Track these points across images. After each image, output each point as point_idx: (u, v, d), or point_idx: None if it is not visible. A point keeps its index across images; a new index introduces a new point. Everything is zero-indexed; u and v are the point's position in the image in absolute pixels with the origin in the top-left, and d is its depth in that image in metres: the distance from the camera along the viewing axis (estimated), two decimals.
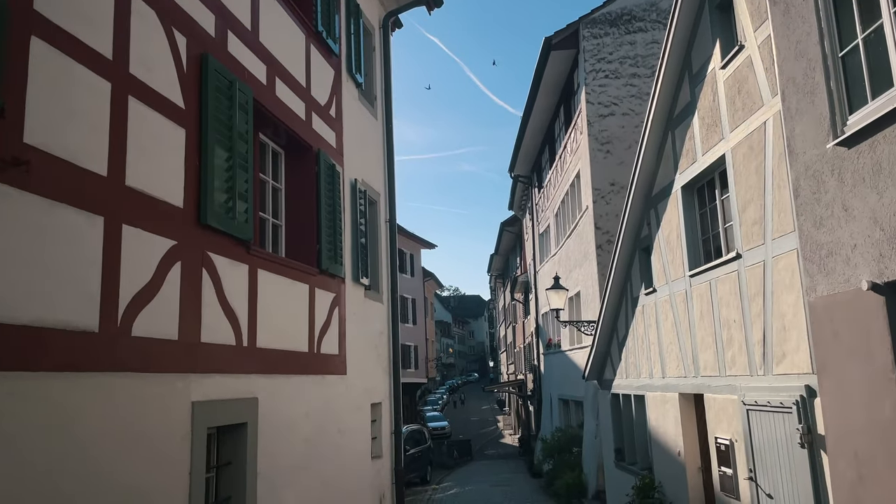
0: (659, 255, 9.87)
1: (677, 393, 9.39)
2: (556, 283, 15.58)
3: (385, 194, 9.61)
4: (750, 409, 7.17)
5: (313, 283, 6.79)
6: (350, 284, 7.93)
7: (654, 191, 10.04)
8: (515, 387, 37.76)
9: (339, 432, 7.27)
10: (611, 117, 15.96)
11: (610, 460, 12.97)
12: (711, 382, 8.19)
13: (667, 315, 9.64)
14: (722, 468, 8.01)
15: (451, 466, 28.47)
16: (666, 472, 9.92)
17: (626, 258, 11.23)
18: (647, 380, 10.54)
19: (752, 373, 7.14)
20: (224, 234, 5.13)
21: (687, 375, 8.98)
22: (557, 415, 20.77)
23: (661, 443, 10.09)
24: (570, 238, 18.75)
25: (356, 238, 8.13)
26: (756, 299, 7.03)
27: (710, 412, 8.30)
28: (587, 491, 15.09)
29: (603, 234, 15.40)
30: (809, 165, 5.78)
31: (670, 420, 9.67)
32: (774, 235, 6.64)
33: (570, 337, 18.92)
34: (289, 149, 7.11)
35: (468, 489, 18.52)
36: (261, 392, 5.53)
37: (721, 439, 7.97)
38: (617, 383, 12.24)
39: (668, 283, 9.52)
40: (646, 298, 10.52)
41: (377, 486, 8.42)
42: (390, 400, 9.09)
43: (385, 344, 9.18)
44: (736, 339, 7.51)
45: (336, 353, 7.34)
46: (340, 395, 7.41)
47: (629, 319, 11.40)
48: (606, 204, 15.55)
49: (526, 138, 22.83)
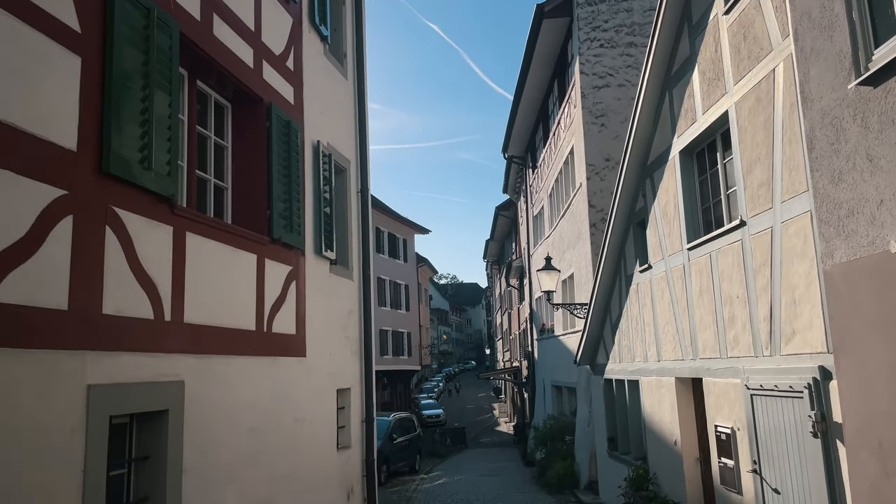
0: (655, 229, 9.09)
1: (673, 377, 8.64)
2: (548, 263, 14.81)
3: (356, 162, 8.81)
4: (754, 394, 6.42)
5: (263, 253, 6.00)
6: (311, 258, 7.14)
7: (649, 159, 9.24)
8: (511, 374, 37.11)
9: (297, 421, 6.52)
10: (606, 89, 15.12)
11: (602, 449, 12.25)
12: (711, 365, 7.43)
13: (663, 293, 8.88)
14: (722, 459, 7.27)
15: (444, 455, 27.82)
16: (661, 463, 9.19)
17: (620, 234, 10.45)
18: (642, 364, 9.80)
19: (758, 354, 6.39)
20: (137, 188, 4.34)
21: (684, 358, 8.23)
22: (550, 402, 20.08)
23: (655, 431, 9.35)
24: (563, 218, 17.97)
25: (319, 207, 7.34)
26: (762, 271, 6.26)
27: (709, 398, 7.55)
28: (579, 481, 14.40)
29: (597, 212, 14.61)
30: (827, 112, 4.99)
31: (666, 407, 8.93)
32: (784, 197, 5.85)
33: (563, 321, 18.19)
34: (236, 102, 6.30)
35: (457, 479, 17.84)
36: (189, 374, 4.76)
37: (722, 428, 7.22)
38: (610, 368, 11.50)
39: (665, 258, 8.74)
40: (640, 276, 9.75)
41: (345, 479, 7.68)
42: (361, 385, 8.33)
43: (355, 325, 8.41)
44: (739, 316, 6.74)
45: (293, 333, 6.57)
46: (298, 380, 6.65)
47: (623, 300, 10.64)
48: (601, 180, 14.75)
49: (519, 116, 21.97)
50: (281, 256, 6.38)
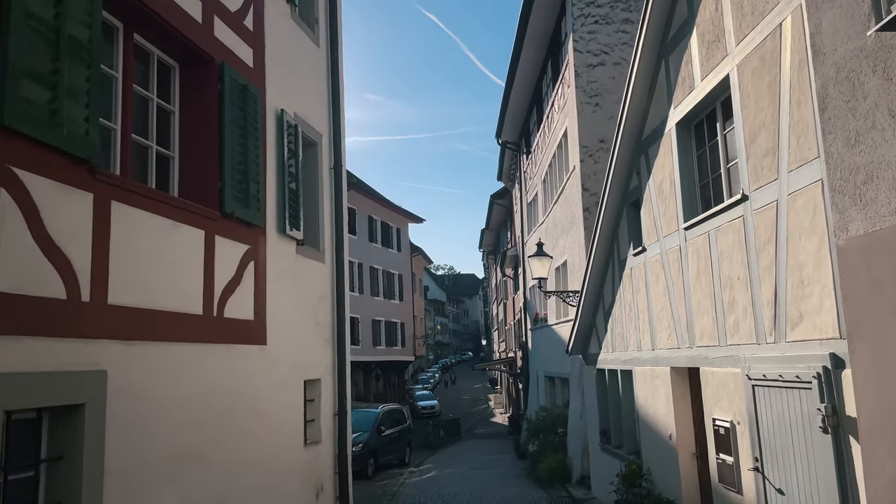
0: (649, 209, 8.50)
1: (668, 367, 8.08)
2: (540, 249, 14.24)
3: (329, 136, 8.19)
4: (756, 385, 5.85)
5: (212, 229, 5.40)
6: (274, 236, 6.54)
7: (644, 133, 8.64)
8: (506, 365, 36.62)
9: (255, 414, 5.94)
10: (600, 67, 14.48)
11: (595, 442, 11.72)
12: (709, 354, 6.86)
13: (657, 277, 8.30)
14: (721, 455, 6.71)
15: (437, 447, 27.32)
16: (655, 458, 8.64)
17: (613, 215, 9.86)
18: (635, 353, 9.23)
19: (760, 341, 5.81)
20: (44, 147, 3.73)
21: (680, 346, 7.66)
22: (544, 393, 19.55)
23: (649, 424, 8.80)
24: (556, 204, 17.37)
25: (283, 181, 6.73)
26: (766, 250, 5.67)
27: (707, 389, 6.99)
28: (571, 475, 13.87)
29: (591, 195, 13.99)
30: (842, 65, 4.39)
31: (660, 398, 8.37)
32: (791, 167, 5.26)
33: (556, 310, 17.63)
34: (185, 62, 5.68)
35: (447, 472, 17.33)
36: (114, 363, 4.17)
37: (720, 421, 6.66)
38: (602, 357, 10.94)
39: (660, 239, 8.16)
40: (634, 260, 9.17)
41: (313, 476, 7.11)
42: (333, 376, 7.75)
43: (327, 311, 7.82)
44: (740, 300, 6.17)
45: (250, 319, 5.98)
46: (257, 370, 6.07)
47: (615, 286, 10.07)
48: (595, 163, 14.13)
49: (512, 99, 21.32)
50: (235, 234, 5.78)
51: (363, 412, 19.19)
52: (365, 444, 17.12)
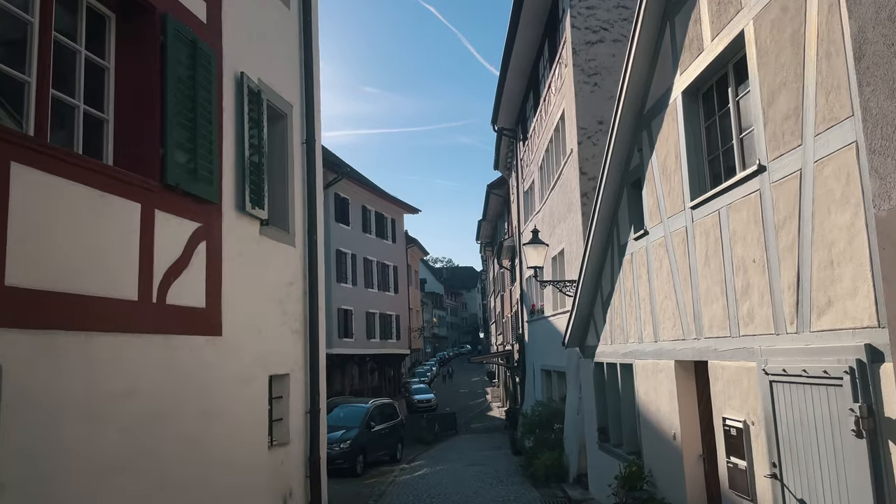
0: (652, 188, 7.80)
1: (673, 360, 7.39)
2: (535, 237, 13.53)
3: (301, 107, 7.47)
4: (775, 381, 5.16)
5: (152, 202, 4.70)
6: (232, 215, 5.84)
7: (646, 106, 7.93)
8: (503, 358, 36.00)
9: (205, 415, 5.25)
10: (599, 45, 13.73)
11: (593, 440, 11.05)
12: (719, 345, 6.17)
13: (661, 262, 7.60)
14: (732, 459, 6.03)
15: (431, 442, 26.68)
16: (658, 459, 7.97)
17: (612, 197, 9.15)
18: (636, 345, 8.54)
19: (779, 330, 5.12)
20: None
21: (686, 338, 6.97)
22: (540, 387, 18.90)
23: (651, 423, 8.12)
24: (553, 190, 16.67)
25: (242, 153, 6.03)
26: (787, 227, 4.97)
27: (716, 384, 6.30)
28: (568, 474, 13.21)
29: (589, 179, 13.27)
30: (883, 3, 3.68)
31: (664, 394, 7.69)
32: (818, 129, 4.55)
33: (553, 301, 16.95)
34: (123, 13, 4.96)
35: (439, 469, 16.67)
36: (11, 356, 3.48)
37: (731, 421, 5.97)
38: (601, 350, 10.25)
39: (664, 221, 7.46)
40: (635, 244, 8.46)
41: (279, 481, 6.43)
42: (305, 371, 7.07)
43: (298, 299, 7.13)
44: (756, 285, 5.47)
45: (201, 307, 5.28)
46: (210, 364, 5.38)
47: (615, 273, 9.37)
48: (593, 145, 13.40)
49: (508, 83, 20.58)
50: (182, 209, 5.07)
51: (352, 407, 18.55)
52: (354, 440, 16.47)
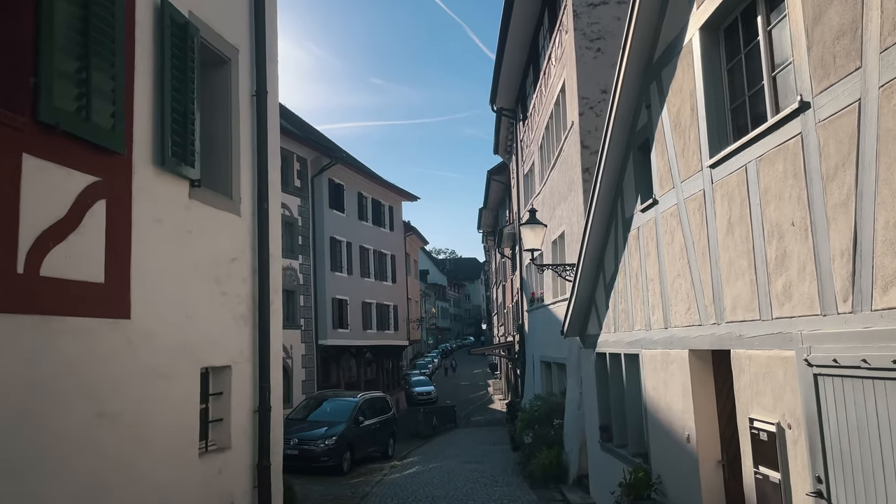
0: (662, 149, 6.68)
1: (686, 350, 6.29)
2: (532, 216, 12.44)
3: (250, 53, 6.38)
4: (822, 374, 4.07)
5: (13, 142, 3.61)
6: (146, 170, 4.76)
7: (656, 54, 6.81)
8: (505, 349, 34.98)
9: (101, 417, 4.19)
10: (602, 7, 12.57)
11: (594, 439, 9.97)
12: (745, 331, 5.07)
13: (672, 235, 6.49)
14: (761, 469, 4.94)
15: (428, 436, 25.69)
16: (668, 465, 6.89)
17: (617, 164, 8.03)
18: (643, 333, 7.45)
19: (827, 310, 4.02)
20: None
21: (703, 323, 5.87)
22: (540, 380, 17.83)
23: (661, 422, 7.04)
24: (553, 169, 15.55)
25: (163, 97, 4.93)
26: (840, 176, 3.86)
27: (741, 378, 5.20)
28: (567, 474, 12.15)
29: (591, 154, 12.13)
30: None
31: (675, 389, 6.60)
32: (886, 42, 3.44)
33: (553, 288, 15.86)
34: None
35: (432, 467, 15.64)
36: None
37: (761, 423, 4.88)
38: (603, 339, 9.16)
39: (676, 186, 6.35)
40: (642, 217, 7.36)
41: (215, 494, 5.39)
42: (253, 363, 6.01)
43: (244, 278, 6.06)
44: (795, 254, 4.37)
45: (98, 282, 4.22)
46: (111, 354, 4.32)
47: (619, 251, 8.27)
48: (596, 116, 12.27)
49: (506, 59, 19.39)
50: (67, 157, 3.99)
51: (339, 401, 17.51)
52: (340, 436, 15.44)
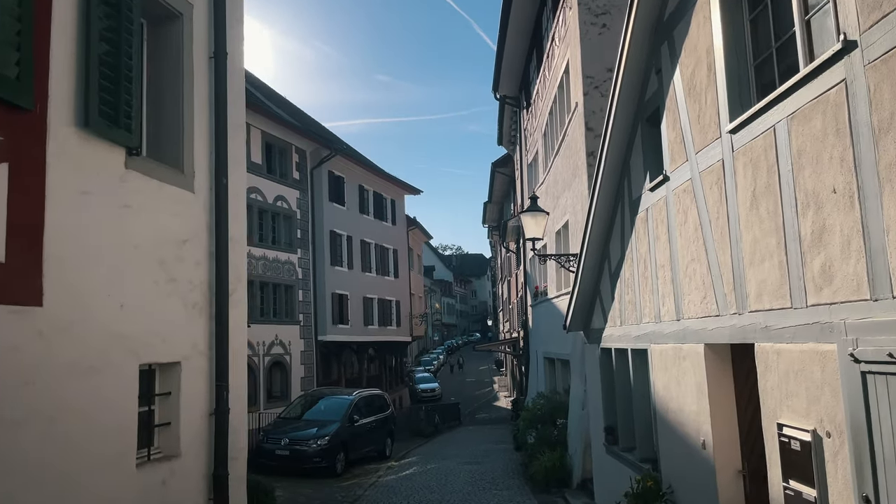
0: (674, 117, 5.93)
1: (702, 344, 5.54)
2: (533, 203, 11.70)
3: (207, 8, 5.64)
4: (872, 372, 3.33)
5: None
6: (65, 131, 4.07)
7: (667, 10, 6.05)
8: (510, 345, 34.25)
9: (5, 423, 3.47)
10: None
11: (599, 442, 9.23)
12: (772, 321, 4.33)
13: (686, 214, 5.74)
14: (792, 483, 4.20)
15: (430, 434, 25.01)
16: (681, 473, 6.16)
17: (622, 140, 7.28)
18: (653, 325, 6.71)
19: (879, 294, 3.28)
20: None
21: (721, 313, 5.12)
22: (543, 377, 17.09)
23: (672, 425, 6.30)
24: (557, 156, 14.78)
25: (88, 47, 4.23)
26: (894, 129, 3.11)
27: (767, 377, 4.45)
28: (571, 477, 11.42)
29: (595, 136, 11.36)
30: None
31: (689, 389, 5.85)
32: None
33: (557, 281, 15.11)
34: None
35: (430, 468, 14.93)
36: None
37: (793, 430, 4.13)
38: (608, 334, 8.42)
39: (690, 158, 5.59)
40: (651, 196, 6.61)
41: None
42: (209, 359, 5.32)
43: (199, 263, 5.36)
44: (836, 228, 3.62)
45: None
46: (13, 347, 3.60)
47: (625, 236, 7.52)
48: (601, 96, 11.48)
49: (509, 43, 18.63)
50: None
51: (334, 399, 16.82)
52: (333, 436, 14.74)
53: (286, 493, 11.43)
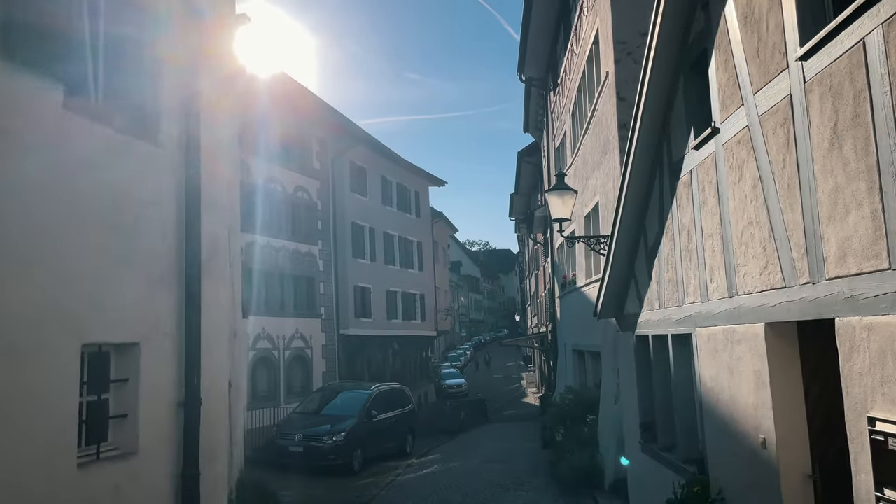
0: (726, 57, 5.01)
1: (762, 323, 4.63)
2: (560, 181, 10.78)
3: None
4: None
5: None
6: None
7: None
8: (538, 340, 33.30)
9: None
10: None
11: (634, 440, 8.32)
12: (861, 288, 3.41)
13: (741, 169, 4.82)
14: (887, 492, 3.29)
15: (455, 431, 24.14)
16: (734, 476, 5.24)
17: (661, 95, 6.37)
18: (698, 306, 5.80)
19: None
20: None
21: (788, 283, 4.20)
22: (572, 371, 16.17)
23: (723, 420, 5.39)
24: (586, 134, 13.84)
25: None
26: None
27: (853, 359, 3.53)
28: (603, 479, 10.51)
29: (628, 106, 10.38)
30: None
31: (744, 378, 4.94)
32: None
33: (586, 268, 14.19)
34: None
35: (452, 466, 14.13)
36: None
37: (891, 424, 3.22)
38: (645, 319, 7.51)
39: (747, 100, 4.68)
40: (696, 155, 5.70)
41: None
42: (177, 340, 4.57)
43: (166, 230, 4.61)
44: None
45: None
46: None
47: (665, 206, 6.61)
48: (634, 63, 10.50)
49: (535, 19, 17.67)
50: None
51: (352, 394, 16.09)
52: (349, 432, 14.01)
53: (295, 494, 10.73)
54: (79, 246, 3.88)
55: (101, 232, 4.07)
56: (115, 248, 4.16)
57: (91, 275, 3.97)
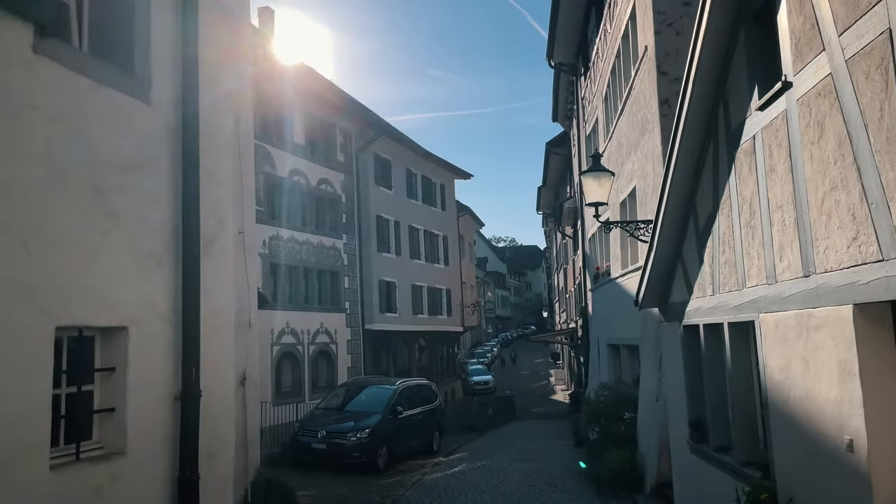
0: None
1: (849, 305, 3.94)
2: (596, 162, 10.11)
3: None
4: None
5: None
6: None
7: None
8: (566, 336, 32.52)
9: None
10: None
11: (681, 439, 7.63)
12: None
13: (822, 126, 4.13)
14: None
15: (483, 429, 23.59)
16: (809, 483, 4.56)
17: (716, 55, 5.68)
18: (763, 288, 5.12)
19: None
20: None
21: (886, 256, 3.53)
22: (606, 366, 15.46)
23: (794, 418, 4.70)
24: (622, 116, 13.12)
25: None
26: None
27: None
28: (643, 481, 9.83)
29: (671, 81, 9.73)
30: None
31: (825, 369, 4.26)
32: None
33: (621, 258, 13.49)
34: None
35: (481, 465, 13.54)
36: None
37: None
38: (695, 306, 6.83)
39: (829, 45, 3.99)
40: (761, 118, 5.01)
41: None
42: (173, 324, 4.05)
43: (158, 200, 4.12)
44: None
45: None
46: None
47: (720, 181, 5.93)
48: (676, 35, 9.84)
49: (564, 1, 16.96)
50: None
51: (377, 389, 15.60)
52: (374, 429, 13.52)
53: (317, 493, 10.25)
54: (51, 212, 3.37)
55: (78, 196, 3.55)
56: (96, 215, 3.64)
57: (65, 245, 3.45)
